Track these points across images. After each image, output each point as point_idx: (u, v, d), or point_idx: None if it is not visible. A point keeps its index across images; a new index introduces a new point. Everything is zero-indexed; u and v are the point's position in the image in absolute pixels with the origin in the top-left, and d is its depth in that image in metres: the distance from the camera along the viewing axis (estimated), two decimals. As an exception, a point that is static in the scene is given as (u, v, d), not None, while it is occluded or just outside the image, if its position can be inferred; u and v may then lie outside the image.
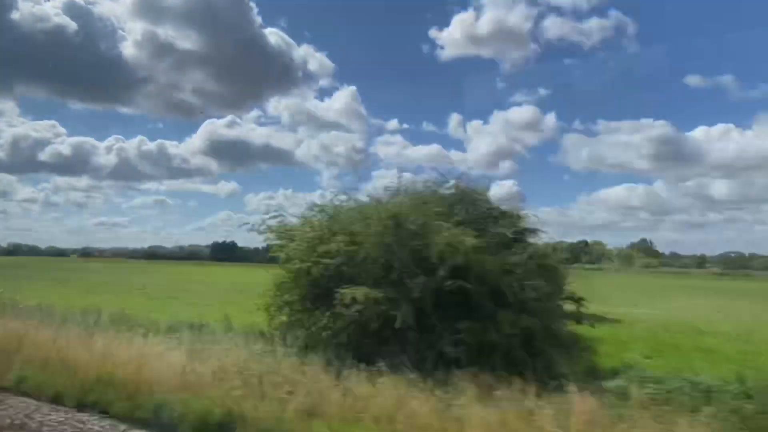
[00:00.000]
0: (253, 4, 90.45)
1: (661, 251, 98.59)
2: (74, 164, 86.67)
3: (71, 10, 71.99)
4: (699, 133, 79.69)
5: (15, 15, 66.46)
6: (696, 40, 67.69)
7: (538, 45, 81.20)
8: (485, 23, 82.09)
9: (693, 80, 77.78)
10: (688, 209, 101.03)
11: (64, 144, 78.72)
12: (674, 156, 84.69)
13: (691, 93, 78.02)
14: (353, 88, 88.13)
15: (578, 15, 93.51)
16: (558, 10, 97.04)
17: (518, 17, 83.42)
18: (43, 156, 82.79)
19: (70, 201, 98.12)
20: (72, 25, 67.15)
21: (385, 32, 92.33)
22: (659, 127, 79.71)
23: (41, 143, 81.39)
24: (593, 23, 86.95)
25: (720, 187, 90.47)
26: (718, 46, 71.18)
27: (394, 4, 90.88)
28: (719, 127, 78.54)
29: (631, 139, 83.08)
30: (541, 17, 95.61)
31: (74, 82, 72.66)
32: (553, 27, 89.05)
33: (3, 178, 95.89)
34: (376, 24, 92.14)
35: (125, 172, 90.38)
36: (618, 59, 73.06)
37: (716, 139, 79.61)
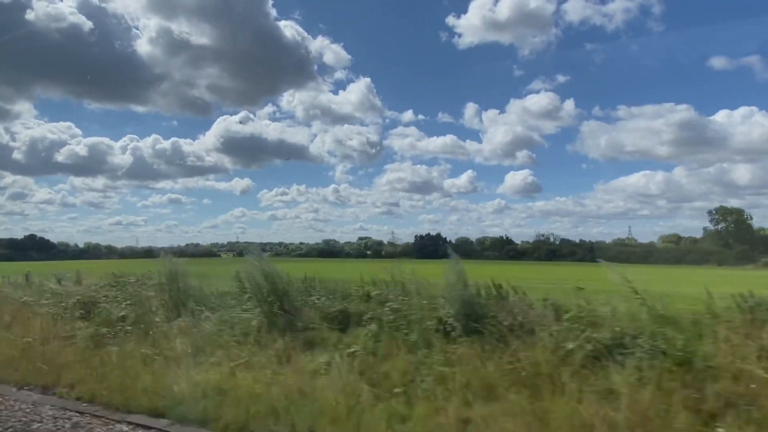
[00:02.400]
0: None
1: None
2: (90, 165, 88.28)
3: (86, 8, 72.67)
4: (721, 116, 77.27)
5: (30, 15, 66.12)
6: (722, 21, 66.52)
7: (559, 29, 79.03)
8: (505, 8, 79.89)
9: (718, 62, 75.31)
10: (708, 195, 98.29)
11: (80, 145, 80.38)
12: (696, 141, 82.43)
13: (715, 75, 75.47)
14: (368, 79, 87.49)
15: None
16: None
17: (539, 1, 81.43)
18: (60, 157, 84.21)
19: (87, 201, 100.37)
20: (87, 24, 67.16)
21: (401, 21, 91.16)
22: (682, 112, 77.41)
23: (57, 144, 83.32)
24: (617, 5, 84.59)
25: (742, 172, 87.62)
26: (744, 26, 68.73)
27: None
28: (742, 110, 76.09)
29: (652, 124, 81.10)
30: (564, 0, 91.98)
31: (90, 82, 72.31)
32: (575, 10, 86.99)
33: (21, 181, 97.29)
34: (392, 13, 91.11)
35: (140, 172, 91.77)
36: (641, 42, 72.79)
37: (738, 122, 77.16)
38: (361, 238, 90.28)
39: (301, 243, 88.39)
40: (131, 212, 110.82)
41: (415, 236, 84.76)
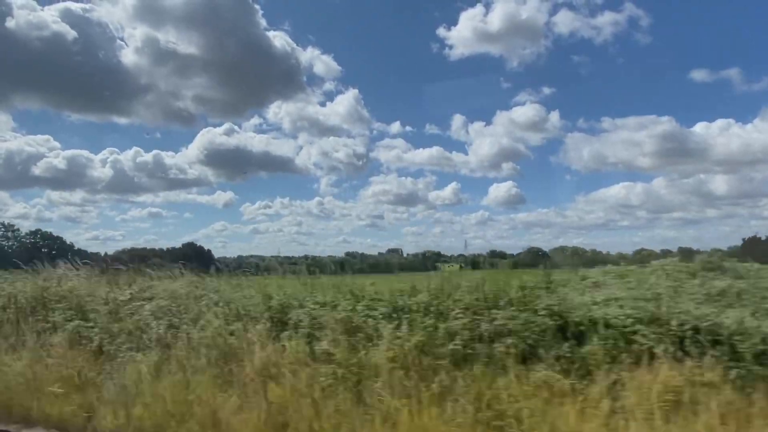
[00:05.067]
0: (257, 6, 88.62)
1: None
2: (69, 178, 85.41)
3: (70, 17, 67.94)
4: (700, 128, 79.14)
5: (10, 23, 64.47)
6: (705, 33, 66.42)
7: (549, 41, 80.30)
8: (496, 19, 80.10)
9: (698, 75, 76.78)
10: (686, 206, 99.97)
11: (58, 158, 78.20)
12: (677, 152, 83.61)
13: (697, 87, 77.22)
14: (356, 91, 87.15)
15: (592, 9, 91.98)
16: (570, 5, 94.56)
17: (530, 12, 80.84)
18: (37, 170, 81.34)
19: (63, 216, 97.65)
20: (71, 33, 65.05)
21: (392, 33, 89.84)
22: (664, 123, 78.89)
23: (35, 157, 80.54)
24: (607, 17, 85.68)
25: (719, 183, 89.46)
26: (727, 37, 68.94)
27: (401, 4, 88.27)
28: (719, 122, 78.03)
29: (634, 136, 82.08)
30: (554, 12, 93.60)
31: (71, 93, 69.00)
32: (565, 22, 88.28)
33: None
34: (383, 24, 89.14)
35: (120, 185, 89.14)
36: (628, 55, 71.47)
37: (716, 134, 79.12)
38: (391, 250, 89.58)
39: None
40: (109, 226, 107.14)
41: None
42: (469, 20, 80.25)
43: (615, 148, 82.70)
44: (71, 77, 64.87)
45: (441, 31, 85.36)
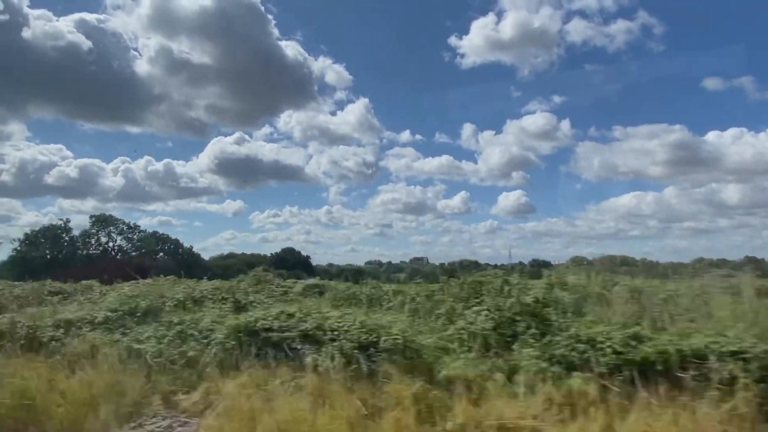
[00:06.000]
0: (270, 16, 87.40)
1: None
2: (80, 187, 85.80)
3: (85, 27, 67.40)
4: (711, 137, 79.22)
5: (27, 33, 61.47)
6: (718, 40, 66.04)
7: (561, 49, 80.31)
8: (509, 27, 76.75)
9: (711, 83, 76.64)
10: (697, 216, 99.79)
11: (70, 167, 78.49)
12: (689, 161, 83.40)
13: (709, 95, 77.00)
14: (366, 100, 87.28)
15: (605, 17, 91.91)
16: (583, 13, 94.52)
17: (543, 20, 77.76)
18: (50, 179, 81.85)
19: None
20: (86, 43, 64.32)
21: (403, 42, 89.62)
22: (676, 132, 78.77)
23: (48, 166, 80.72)
24: (620, 25, 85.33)
25: (731, 193, 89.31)
26: (741, 45, 68.02)
27: (413, 14, 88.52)
28: (731, 131, 78.25)
29: (645, 144, 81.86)
30: (567, 20, 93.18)
31: (85, 102, 69.16)
32: (578, 30, 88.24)
33: (7, 203, 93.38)
34: (395, 34, 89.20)
35: (131, 194, 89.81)
36: (641, 63, 71.97)
37: (729, 143, 79.19)
38: (415, 258, 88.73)
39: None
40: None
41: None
42: (480, 29, 79.55)
43: (626, 157, 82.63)
44: (85, 87, 65.82)
45: (452, 40, 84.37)
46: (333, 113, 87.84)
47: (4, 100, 64.48)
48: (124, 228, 63.06)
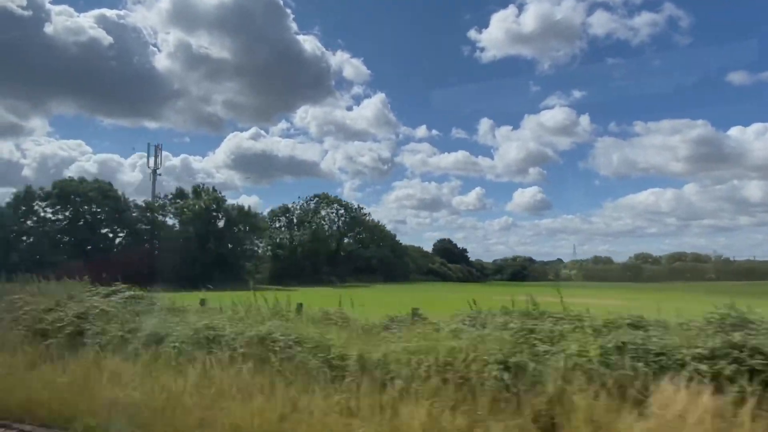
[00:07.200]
0: (288, 10, 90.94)
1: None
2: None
3: (105, 22, 70.62)
4: (734, 132, 76.86)
5: (48, 28, 64.56)
6: (746, 33, 68.39)
7: (584, 42, 78.48)
8: (530, 20, 78.80)
9: (737, 77, 74.20)
10: (718, 213, 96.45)
11: (90, 161, 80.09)
12: (712, 157, 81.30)
13: (734, 90, 74.77)
14: (383, 95, 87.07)
15: (630, 9, 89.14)
16: (607, 5, 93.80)
17: (565, 12, 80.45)
18: (69, 174, 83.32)
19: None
20: (107, 38, 65.91)
21: (422, 36, 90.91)
22: (699, 127, 76.59)
23: (67, 161, 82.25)
24: (644, 18, 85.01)
25: (754, 189, 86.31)
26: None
27: (432, 7, 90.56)
28: (755, 126, 75.72)
29: (667, 140, 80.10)
30: (590, 12, 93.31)
31: (105, 97, 71.53)
32: (600, 23, 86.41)
33: None
34: (413, 29, 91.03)
35: (149, 189, 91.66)
36: (665, 57, 73.36)
37: (753, 138, 76.59)
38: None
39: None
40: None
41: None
42: (501, 21, 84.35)
43: (646, 153, 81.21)
44: (105, 82, 68.36)
45: (472, 34, 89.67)
46: (349, 108, 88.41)
47: (27, 95, 67.53)
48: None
